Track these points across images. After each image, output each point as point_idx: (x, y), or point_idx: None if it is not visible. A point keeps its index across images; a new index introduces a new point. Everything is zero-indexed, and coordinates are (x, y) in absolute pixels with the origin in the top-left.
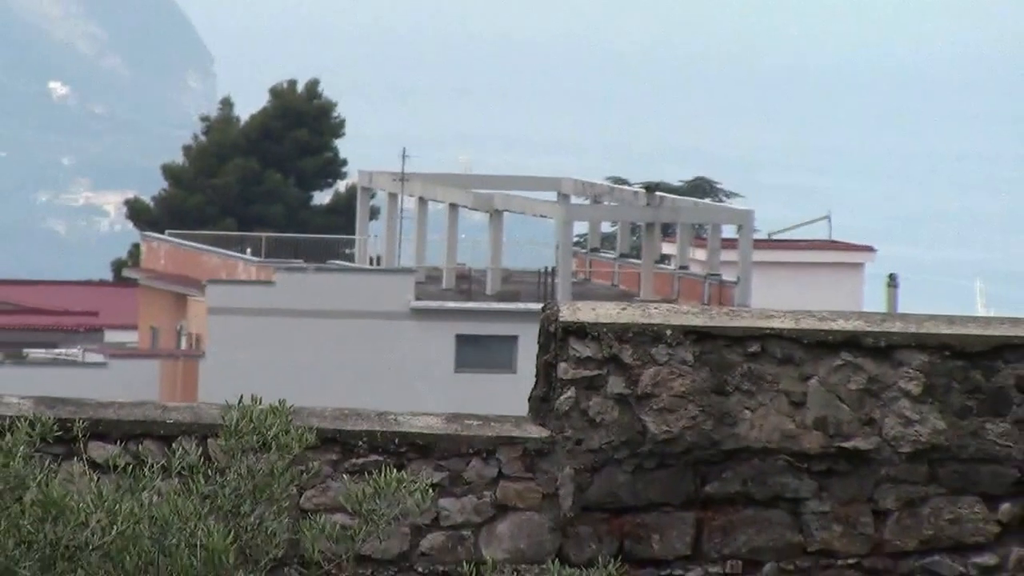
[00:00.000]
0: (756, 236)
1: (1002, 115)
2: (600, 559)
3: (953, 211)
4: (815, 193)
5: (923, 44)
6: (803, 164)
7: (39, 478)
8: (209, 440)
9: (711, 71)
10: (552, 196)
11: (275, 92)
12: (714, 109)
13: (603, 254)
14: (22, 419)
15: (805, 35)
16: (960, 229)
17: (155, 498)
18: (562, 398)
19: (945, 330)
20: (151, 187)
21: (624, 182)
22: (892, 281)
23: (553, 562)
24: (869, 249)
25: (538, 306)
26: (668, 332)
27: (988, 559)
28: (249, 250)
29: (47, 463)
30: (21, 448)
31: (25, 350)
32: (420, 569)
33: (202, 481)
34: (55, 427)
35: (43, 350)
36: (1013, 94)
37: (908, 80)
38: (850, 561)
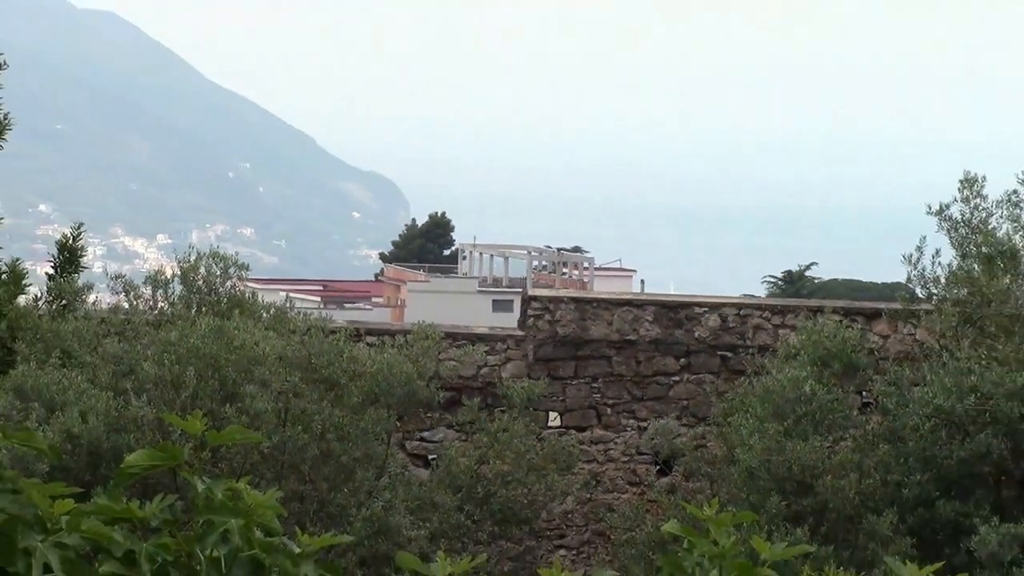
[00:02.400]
0: (596, 266)
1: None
2: (542, 377)
3: (666, 258)
4: (623, 253)
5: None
6: (627, 240)
7: (349, 347)
8: (408, 335)
9: (594, 192)
10: (525, 252)
11: (431, 216)
12: (590, 211)
13: (543, 272)
14: (344, 328)
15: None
16: (670, 264)
17: (387, 355)
18: (528, 321)
19: (663, 298)
20: (387, 248)
21: (551, 246)
22: (643, 284)
23: (527, 378)
24: (633, 270)
25: (520, 291)
26: (565, 298)
27: (676, 379)
28: (422, 271)
29: (349, 344)
30: (343, 338)
31: (344, 304)
32: (479, 380)
33: (404, 348)
34: (354, 330)
35: (350, 304)
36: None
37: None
38: (629, 376)
